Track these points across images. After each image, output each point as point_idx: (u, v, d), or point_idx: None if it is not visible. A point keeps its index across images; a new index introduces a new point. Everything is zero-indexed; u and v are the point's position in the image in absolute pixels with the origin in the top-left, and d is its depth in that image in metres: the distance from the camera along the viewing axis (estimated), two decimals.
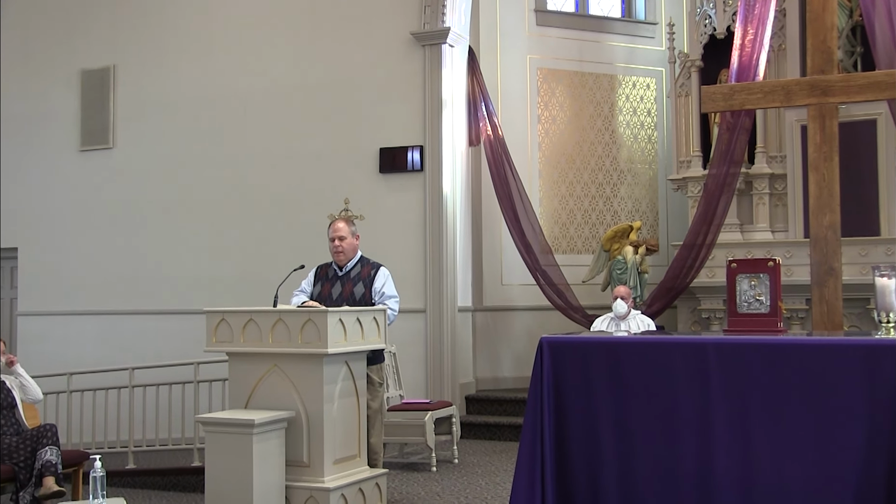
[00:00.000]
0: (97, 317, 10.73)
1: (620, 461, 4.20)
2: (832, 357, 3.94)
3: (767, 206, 9.40)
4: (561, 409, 4.32)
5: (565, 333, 5.20)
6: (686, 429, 4.10)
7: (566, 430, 4.31)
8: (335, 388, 5.50)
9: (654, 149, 11.21)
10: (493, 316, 10.35)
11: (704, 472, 4.06)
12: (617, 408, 4.22)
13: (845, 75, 5.60)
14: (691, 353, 4.14)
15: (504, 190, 9.74)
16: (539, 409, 4.31)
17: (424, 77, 9.32)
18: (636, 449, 4.18)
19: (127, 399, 8.83)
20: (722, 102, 5.83)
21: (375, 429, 6.02)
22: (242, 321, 5.58)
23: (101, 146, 10.90)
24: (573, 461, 4.29)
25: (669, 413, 4.14)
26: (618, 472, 4.21)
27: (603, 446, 4.23)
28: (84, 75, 11.00)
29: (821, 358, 3.96)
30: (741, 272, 4.67)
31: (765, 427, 3.98)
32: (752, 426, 3.99)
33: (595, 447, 4.25)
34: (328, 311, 5.37)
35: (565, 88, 10.82)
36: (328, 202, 9.49)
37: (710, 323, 9.39)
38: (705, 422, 4.06)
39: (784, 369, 3.99)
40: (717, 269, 9.04)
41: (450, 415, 7.94)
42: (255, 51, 10.16)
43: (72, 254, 10.94)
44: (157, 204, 10.55)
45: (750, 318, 4.64)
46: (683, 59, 9.95)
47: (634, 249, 9.54)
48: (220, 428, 5.33)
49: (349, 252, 6.15)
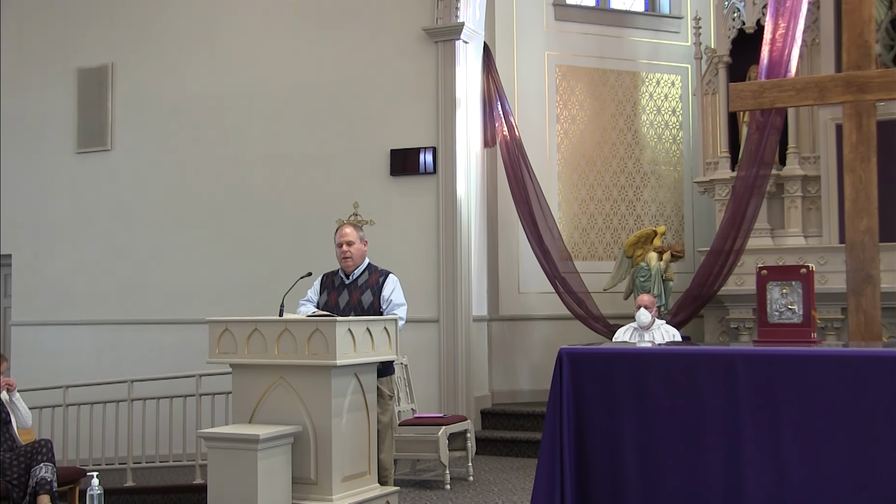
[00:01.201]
0: (94, 327, 10.78)
1: (644, 477, 4.20)
2: (869, 369, 3.93)
3: (800, 209, 9.37)
4: (581, 424, 4.32)
5: (586, 344, 5.19)
6: (714, 444, 4.09)
7: (587, 445, 4.30)
8: (344, 401, 5.51)
9: (679, 149, 11.20)
10: (509, 326, 10.34)
11: (734, 489, 4.05)
12: (641, 422, 4.22)
13: (883, 70, 5.57)
14: (719, 365, 4.14)
15: (521, 193, 9.74)
16: (558, 423, 4.31)
17: (437, 75, 9.34)
18: (661, 465, 4.17)
19: (125, 413, 8.86)
20: (751, 100, 5.81)
21: (386, 444, 6.02)
22: (247, 331, 5.60)
23: (98, 148, 10.95)
24: (594, 478, 4.29)
25: (696, 428, 4.13)
26: (641, 489, 4.20)
27: (626, 462, 4.22)
28: (80, 74, 11.06)
29: (857, 370, 3.94)
30: (772, 280, 4.66)
31: (798, 443, 3.96)
32: (785, 442, 3.98)
33: (617, 463, 4.24)
34: (336, 321, 5.38)
35: (585, 86, 10.82)
36: (336, 206, 9.51)
37: (738, 333, 9.36)
38: (734, 437, 4.05)
39: (818, 382, 3.97)
40: (747, 277, 9.01)
41: (464, 430, 7.94)
42: (259, 48, 10.21)
43: (68, 261, 11.00)
44: (157, 209, 10.60)
45: (781, 329, 4.62)
46: (710, 55, 9.93)
47: (659, 256, 9.52)
48: (223, 443, 5.35)
49: (357, 258, 6.17)
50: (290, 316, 5.73)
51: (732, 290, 9.23)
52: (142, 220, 10.67)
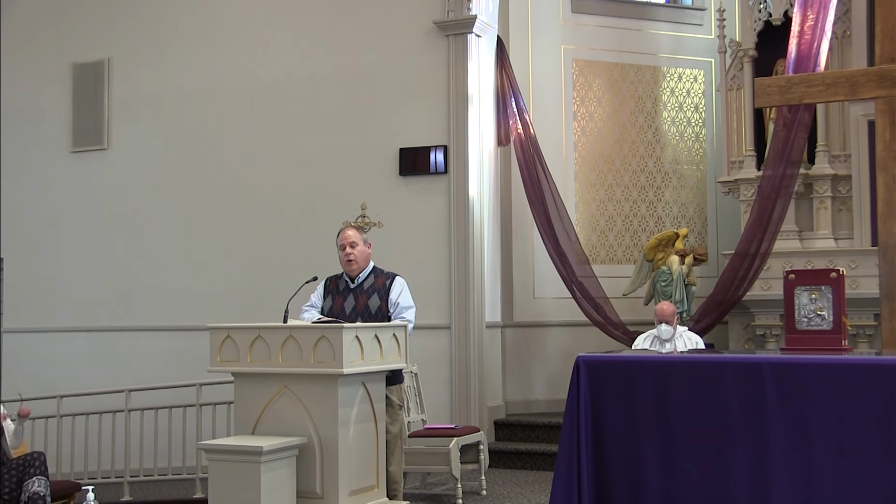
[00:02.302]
0: (90, 334, 10.81)
1: (666, 490, 4.19)
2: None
3: (829, 210, 9.35)
4: (600, 435, 4.32)
5: (604, 352, 5.19)
6: (739, 456, 4.09)
7: (605, 458, 4.30)
8: (351, 411, 5.52)
9: (702, 148, 11.19)
10: (524, 332, 10.34)
11: (761, 503, 4.04)
12: (662, 433, 4.21)
13: None
14: (745, 374, 4.13)
15: (536, 194, 9.74)
16: (575, 434, 4.31)
17: (448, 70, 9.35)
18: (684, 478, 4.17)
19: (122, 424, 8.88)
20: (778, 96, 5.82)
21: (395, 456, 6.03)
22: (250, 338, 5.61)
23: (94, 147, 10.98)
24: (613, 491, 4.29)
25: (721, 440, 4.12)
26: (664, 503, 4.19)
27: (647, 476, 4.22)
28: (76, 69, 11.11)
29: (891, 380, 3.93)
30: (800, 284, 4.65)
31: (828, 456, 3.96)
32: (814, 455, 3.97)
33: (638, 477, 4.24)
34: (343, 328, 5.39)
35: (603, 82, 10.82)
36: (343, 208, 9.53)
37: (765, 341, 9.35)
38: (761, 449, 4.04)
39: (849, 392, 3.97)
40: (773, 281, 8.99)
41: (477, 441, 7.94)
42: (262, 42, 10.24)
43: (62, 265, 11.04)
44: (155, 210, 10.62)
45: (810, 336, 4.62)
46: (735, 49, 9.92)
47: (681, 259, 9.51)
48: (224, 456, 5.37)
49: (361, 261, 6.18)
50: (294, 322, 5.75)
51: (758, 295, 9.21)
52: (140, 222, 10.70)
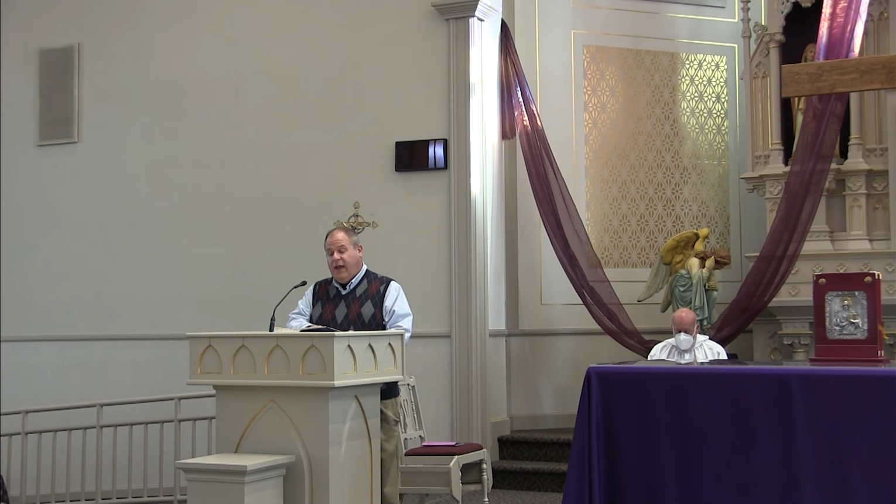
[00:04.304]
0: (58, 343, 10.79)
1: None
2: None
3: (864, 209, 9.34)
4: (613, 453, 4.33)
5: (618, 363, 5.20)
6: (766, 476, 4.09)
7: (619, 477, 4.31)
8: (343, 427, 5.52)
9: (724, 141, 11.19)
10: (530, 342, 10.34)
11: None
12: (681, 451, 4.22)
13: None
14: (771, 388, 4.14)
15: (544, 191, 9.74)
16: (586, 452, 4.32)
17: (449, 57, 9.35)
18: (703, 499, 4.17)
19: (94, 442, 8.89)
20: (808, 84, 5.82)
21: (391, 476, 6.04)
22: (233, 348, 5.62)
23: (62, 140, 10.98)
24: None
25: (745, 459, 4.13)
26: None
27: (664, 496, 4.22)
28: (43, 56, 11.11)
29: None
30: (832, 289, 4.66)
31: (863, 476, 3.96)
32: (848, 474, 3.98)
33: (654, 496, 4.24)
34: (335, 336, 5.40)
35: (617, 69, 10.83)
36: (334, 207, 9.53)
37: (793, 351, 9.34)
38: (790, 469, 4.05)
39: (885, 407, 3.97)
40: (802, 286, 8.99)
41: (479, 460, 7.93)
42: (246, 27, 10.24)
43: (28, 268, 11.02)
44: (130, 209, 10.62)
45: (843, 345, 4.62)
46: (761, 33, 9.92)
47: (701, 262, 9.51)
48: (205, 476, 5.37)
49: (352, 266, 6.19)
50: (281, 331, 5.75)
51: (786, 301, 9.21)
52: (113, 222, 10.69)
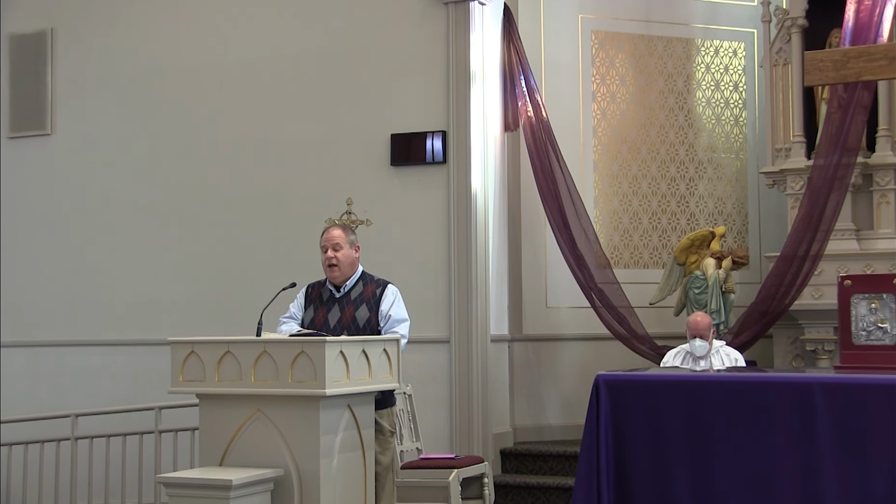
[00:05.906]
0: (30, 349, 10.79)
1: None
2: None
3: (892, 205, 9.35)
4: (623, 467, 4.33)
5: (628, 370, 5.20)
6: (786, 493, 4.09)
7: (630, 492, 4.31)
8: (335, 439, 5.53)
9: (742, 133, 11.19)
10: (535, 347, 10.34)
11: None
12: (695, 464, 4.22)
13: None
14: (793, 396, 4.14)
15: (549, 187, 9.74)
16: (594, 465, 4.32)
17: (448, 44, 9.35)
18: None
19: (68, 454, 8.88)
20: (832, 72, 5.81)
21: (386, 491, 6.05)
22: (217, 354, 5.62)
23: (34, 132, 10.96)
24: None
25: (765, 471, 4.13)
26: None
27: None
28: (13, 41, 11.08)
29: None
30: (858, 292, 4.67)
31: (891, 491, 3.96)
32: (875, 487, 3.97)
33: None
34: (326, 342, 5.40)
35: (627, 56, 10.82)
36: (326, 204, 9.52)
37: (816, 357, 9.34)
38: (812, 483, 4.05)
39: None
40: (826, 289, 8.99)
41: (480, 474, 7.94)
42: (233, 12, 10.23)
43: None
44: (107, 206, 10.60)
45: (869, 352, 4.63)
46: (782, 17, 9.92)
47: (717, 263, 9.52)
48: (187, 491, 5.38)
49: (346, 266, 6.19)
50: (269, 336, 5.75)
51: (808, 304, 9.21)
52: (89, 220, 10.68)
